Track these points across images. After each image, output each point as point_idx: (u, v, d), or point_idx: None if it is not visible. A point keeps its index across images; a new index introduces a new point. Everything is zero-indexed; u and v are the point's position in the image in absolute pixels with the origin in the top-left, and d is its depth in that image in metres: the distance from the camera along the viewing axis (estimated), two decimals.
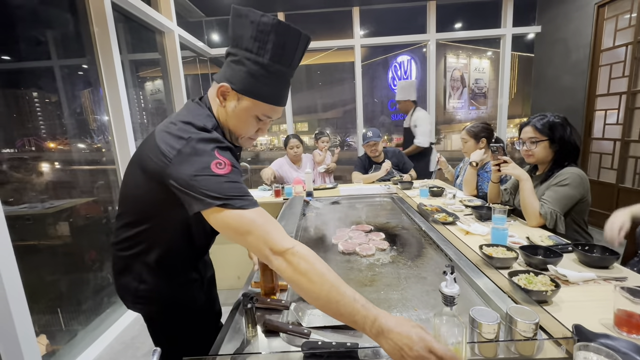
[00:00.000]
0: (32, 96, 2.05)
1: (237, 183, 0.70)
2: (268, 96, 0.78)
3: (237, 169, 0.74)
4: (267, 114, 0.81)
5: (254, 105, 0.79)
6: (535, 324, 0.65)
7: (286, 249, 0.65)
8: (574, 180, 1.37)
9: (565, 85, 3.74)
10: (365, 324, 0.59)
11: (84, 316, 2.09)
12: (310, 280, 0.63)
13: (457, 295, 0.56)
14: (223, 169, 0.69)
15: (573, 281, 0.94)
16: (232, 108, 0.80)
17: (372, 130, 2.74)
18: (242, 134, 0.84)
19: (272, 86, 0.78)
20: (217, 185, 0.67)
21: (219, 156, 0.70)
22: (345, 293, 0.61)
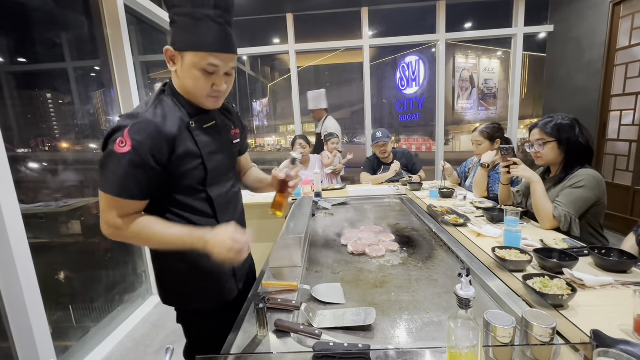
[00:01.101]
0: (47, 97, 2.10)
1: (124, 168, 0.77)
2: (203, 43, 0.78)
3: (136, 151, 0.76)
4: (213, 63, 0.79)
5: (195, 57, 0.78)
6: (553, 329, 0.64)
7: (117, 226, 0.80)
8: (589, 182, 1.34)
9: (579, 85, 3.67)
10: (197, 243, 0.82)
11: (96, 313, 2.13)
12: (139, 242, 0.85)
13: (472, 298, 0.55)
14: (122, 148, 0.76)
15: (590, 285, 0.91)
16: (180, 69, 0.81)
17: (381, 130, 2.72)
18: (198, 92, 0.84)
19: (204, 33, 0.77)
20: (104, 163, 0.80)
21: (126, 135, 0.75)
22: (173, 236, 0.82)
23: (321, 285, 1.00)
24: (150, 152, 0.77)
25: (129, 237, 0.82)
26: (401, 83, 4.66)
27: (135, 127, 0.76)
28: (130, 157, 0.75)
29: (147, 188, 0.81)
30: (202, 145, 0.87)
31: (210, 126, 0.91)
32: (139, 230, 0.81)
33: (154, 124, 0.78)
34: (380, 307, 0.90)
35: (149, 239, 0.83)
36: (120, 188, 0.77)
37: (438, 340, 0.75)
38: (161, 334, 2.16)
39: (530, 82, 4.43)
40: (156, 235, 0.82)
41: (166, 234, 0.82)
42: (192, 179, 0.87)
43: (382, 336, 0.78)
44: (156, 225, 0.83)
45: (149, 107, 0.82)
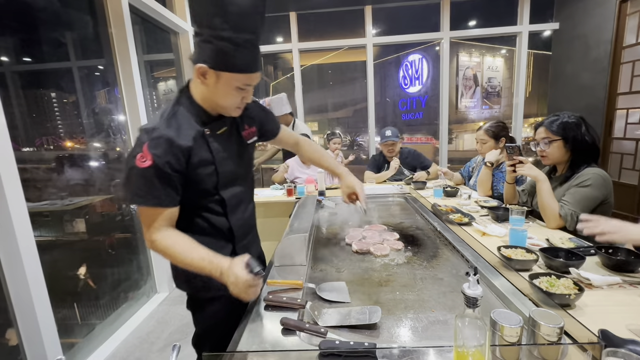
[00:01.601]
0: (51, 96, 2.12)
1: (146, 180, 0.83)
2: (242, 66, 0.83)
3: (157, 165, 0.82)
4: (246, 83, 0.86)
5: (232, 77, 0.83)
6: (560, 328, 0.63)
7: (152, 240, 0.87)
8: (596, 181, 1.33)
9: (584, 83, 3.63)
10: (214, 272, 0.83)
11: (101, 311, 2.15)
12: (168, 257, 0.88)
13: (480, 297, 0.55)
14: (143, 163, 0.81)
15: (597, 285, 0.91)
16: (213, 84, 0.85)
17: (391, 129, 2.67)
18: (229, 106, 0.90)
19: (243, 56, 0.81)
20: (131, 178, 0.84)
21: (145, 150, 0.81)
22: (193, 260, 0.84)
23: (326, 284, 1.00)
24: (168, 164, 0.83)
25: (161, 250, 0.88)
26: (404, 82, 4.64)
27: (153, 142, 0.82)
28: (152, 170, 0.81)
29: (173, 195, 0.87)
30: (216, 152, 0.93)
31: (222, 132, 0.96)
32: (166, 246, 0.87)
33: (170, 138, 0.83)
34: (386, 305, 0.90)
35: (174, 257, 0.88)
36: (148, 199, 0.84)
37: (444, 339, 0.75)
38: (166, 331, 2.18)
39: (535, 80, 4.39)
40: (179, 256, 0.86)
41: (188, 257, 0.86)
42: (205, 184, 0.93)
43: (388, 335, 0.78)
44: (180, 244, 0.87)
45: (163, 120, 0.86)
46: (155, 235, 0.87)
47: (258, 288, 0.81)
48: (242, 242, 1.07)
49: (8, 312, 1.51)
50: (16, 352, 1.53)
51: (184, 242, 0.88)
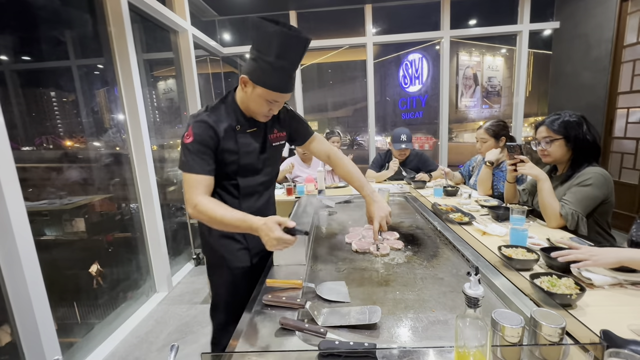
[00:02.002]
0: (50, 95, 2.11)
1: (190, 152, 1.05)
2: (275, 85, 1.02)
3: (197, 141, 1.04)
4: (275, 99, 1.06)
5: (264, 92, 1.03)
6: (562, 329, 0.63)
7: (195, 203, 1.04)
8: (597, 180, 1.32)
9: (585, 82, 3.63)
10: (248, 232, 1.01)
11: (100, 310, 2.14)
12: (207, 219, 1.04)
13: (481, 297, 0.54)
14: (187, 139, 1.05)
15: (598, 285, 0.90)
16: (249, 93, 1.06)
17: (405, 133, 2.60)
18: (257, 112, 1.11)
19: (277, 78, 1.02)
20: (181, 151, 1.07)
21: (189, 129, 1.06)
22: (229, 221, 1.01)
23: (325, 283, 0.99)
24: (204, 142, 1.05)
25: (202, 211, 1.03)
26: (404, 81, 4.63)
27: (196, 125, 1.06)
28: (193, 145, 1.04)
29: (207, 166, 1.07)
30: (241, 145, 1.12)
31: (252, 131, 1.15)
32: (208, 209, 1.02)
33: (208, 123, 1.06)
34: (386, 305, 0.89)
35: (214, 218, 1.02)
36: (191, 167, 1.05)
37: (444, 340, 0.74)
38: (165, 331, 2.17)
39: (535, 79, 4.38)
40: (219, 216, 1.02)
41: (226, 216, 1.02)
42: (228, 168, 1.14)
43: (388, 335, 0.78)
44: (220, 208, 1.04)
45: (207, 111, 1.10)
46: (197, 199, 1.04)
47: (288, 244, 0.96)
48: None
49: (6, 312, 1.50)
50: (14, 351, 1.53)
51: (221, 205, 1.05)
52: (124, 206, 2.51)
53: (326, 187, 2.38)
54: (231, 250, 1.21)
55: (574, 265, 0.91)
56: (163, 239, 2.63)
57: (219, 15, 4.12)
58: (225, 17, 4.22)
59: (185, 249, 3.35)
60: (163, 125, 3.30)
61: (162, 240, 2.62)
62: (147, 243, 2.59)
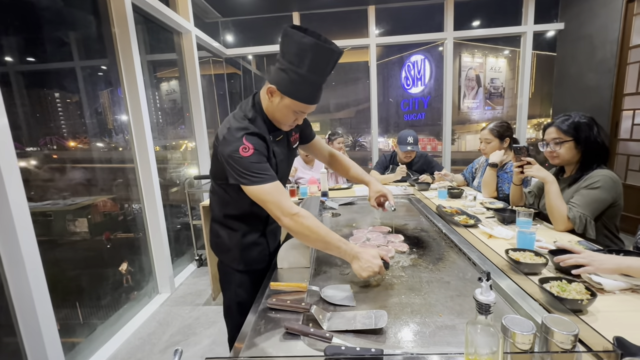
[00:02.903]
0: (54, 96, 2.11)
1: (257, 164, 0.98)
2: (303, 98, 1.01)
3: (258, 151, 1.00)
4: (302, 110, 1.05)
5: (292, 103, 1.01)
6: (575, 335, 0.61)
7: (294, 213, 0.98)
8: (605, 183, 1.30)
9: (590, 84, 3.60)
10: (346, 255, 1.00)
11: (103, 311, 2.14)
12: (309, 233, 0.99)
13: (493, 303, 0.52)
14: (247, 152, 0.98)
15: (609, 290, 0.88)
16: (276, 103, 1.03)
17: (412, 136, 2.59)
18: (283, 122, 1.09)
19: (307, 91, 1.00)
20: (242, 166, 0.98)
21: (245, 142, 0.98)
22: (331, 240, 0.99)
23: (330, 287, 0.98)
24: (262, 152, 1.02)
25: (306, 225, 0.98)
26: (406, 82, 4.61)
27: (250, 137, 1.00)
28: (256, 155, 0.99)
29: (274, 174, 1.04)
30: (276, 154, 1.12)
31: (280, 139, 1.15)
32: (312, 225, 0.99)
33: (260, 134, 1.03)
34: (391, 309, 0.88)
35: (317, 234, 0.99)
36: (264, 178, 0.99)
37: (452, 345, 0.73)
38: (167, 332, 2.16)
39: (537, 81, 4.36)
40: (323, 234, 1.00)
41: (327, 237, 1.00)
42: None
43: (395, 340, 0.76)
44: (321, 224, 1.02)
45: (250, 120, 1.04)
46: (294, 209, 0.99)
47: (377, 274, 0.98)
48: (269, 227, 1.26)
49: (9, 312, 1.50)
50: (17, 352, 1.52)
51: (318, 221, 1.02)
52: (126, 207, 2.51)
53: (329, 189, 2.37)
54: (254, 255, 1.22)
55: (575, 271, 0.91)
56: (166, 240, 2.63)
57: (222, 17, 4.13)
58: (229, 19, 4.23)
59: (188, 250, 3.34)
60: (166, 127, 3.30)
61: (164, 241, 2.61)
62: (149, 244, 2.59)
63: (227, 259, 1.23)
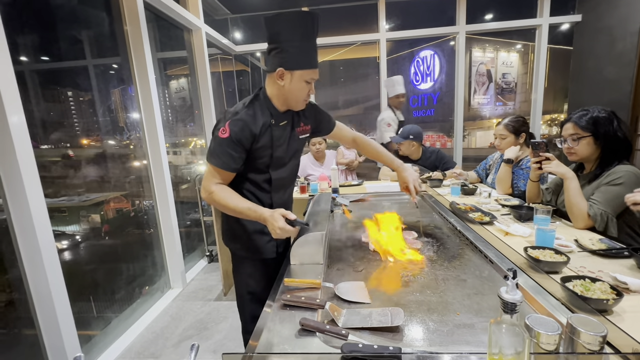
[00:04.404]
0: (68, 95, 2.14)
1: (223, 147, 1.09)
2: (308, 64, 1.11)
3: (234, 139, 1.08)
4: (312, 77, 1.13)
5: (302, 74, 1.10)
6: (603, 337, 0.59)
7: (211, 191, 1.12)
8: (628, 179, 1.26)
9: (609, 77, 3.48)
10: (258, 220, 1.10)
11: (117, 305, 2.18)
12: (221, 207, 1.14)
13: (519, 302, 0.51)
14: (224, 135, 1.08)
15: (635, 289, 0.85)
16: (289, 83, 1.11)
17: (408, 130, 2.58)
18: (300, 98, 1.16)
19: (308, 57, 1.11)
20: (213, 143, 1.12)
21: (227, 126, 1.08)
22: (242, 210, 1.10)
23: (345, 283, 0.97)
24: (239, 140, 1.09)
25: (216, 200, 1.11)
26: (415, 78, 4.55)
27: (234, 121, 1.09)
28: (227, 141, 1.08)
29: (235, 164, 1.12)
30: (275, 139, 1.17)
31: (284, 124, 1.20)
32: (222, 198, 1.11)
33: (246, 122, 1.10)
34: (407, 307, 0.86)
35: (227, 206, 1.11)
36: (218, 160, 1.10)
37: (472, 345, 0.71)
38: (180, 326, 2.19)
39: (551, 76, 4.24)
40: (232, 205, 1.11)
41: (239, 205, 1.10)
42: (261, 163, 1.19)
43: (411, 338, 0.75)
44: (234, 197, 1.12)
45: (245, 107, 1.13)
46: (213, 187, 1.12)
47: (290, 234, 1.06)
48: None
49: (28, 306, 1.53)
50: (36, 344, 1.56)
51: (234, 194, 1.14)
52: (138, 203, 2.54)
53: (340, 186, 2.35)
54: (261, 243, 1.28)
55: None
56: (177, 236, 2.66)
57: (231, 14, 4.12)
58: (238, 15, 4.22)
59: (199, 246, 3.38)
60: (176, 124, 3.33)
61: (176, 237, 2.64)
62: (161, 239, 2.62)
63: (236, 247, 1.31)
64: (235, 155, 1.10)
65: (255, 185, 1.24)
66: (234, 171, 1.14)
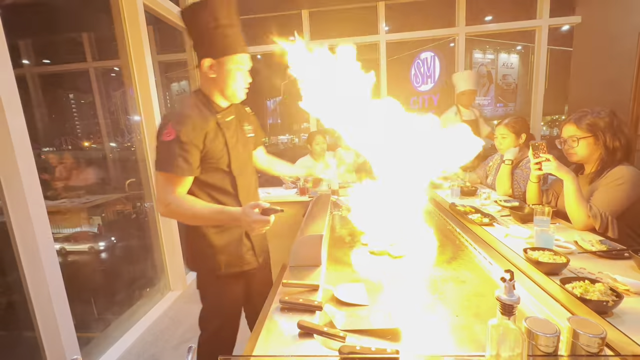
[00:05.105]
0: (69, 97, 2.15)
1: (169, 150, 1.00)
2: (232, 49, 1.05)
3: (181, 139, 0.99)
4: (241, 63, 1.08)
5: (230, 60, 1.05)
6: (602, 338, 0.58)
7: (168, 203, 1.02)
8: (629, 180, 1.25)
9: (609, 77, 3.48)
10: (230, 223, 1.07)
11: (117, 307, 2.18)
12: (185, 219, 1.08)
13: (517, 304, 0.50)
14: (169, 137, 0.99)
15: (635, 291, 0.85)
16: (219, 72, 1.06)
17: None
18: (237, 86, 1.10)
19: (231, 41, 1.05)
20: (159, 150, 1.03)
21: (170, 127, 1.00)
22: (210, 217, 1.04)
23: (343, 285, 0.97)
24: (188, 137, 1.00)
25: (178, 211, 1.03)
26: (416, 80, 4.55)
27: (176, 121, 1.01)
28: (175, 142, 0.99)
29: (189, 166, 1.02)
30: (228, 136, 1.11)
31: (231, 119, 1.15)
32: (184, 207, 1.02)
33: (191, 118, 1.02)
34: (406, 309, 0.86)
35: (192, 215, 1.03)
36: (170, 165, 1.00)
37: (470, 346, 0.71)
38: (180, 329, 2.19)
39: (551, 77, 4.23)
40: (198, 212, 1.03)
41: (205, 211, 1.03)
42: (222, 163, 1.11)
43: (410, 340, 0.74)
44: (197, 204, 1.04)
45: (184, 107, 1.07)
46: (170, 198, 1.02)
47: (268, 224, 0.99)
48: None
49: (28, 308, 1.53)
50: (35, 346, 1.56)
51: (198, 201, 1.06)
52: (139, 205, 2.54)
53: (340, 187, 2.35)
54: (240, 253, 1.19)
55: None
56: (177, 238, 2.65)
57: None
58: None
59: None
60: None
61: (176, 239, 2.64)
62: (161, 241, 2.62)
63: (210, 265, 1.18)
64: (187, 156, 1.00)
65: (219, 191, 1.13)
66: (189, 174, 1.04)
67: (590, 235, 1.26)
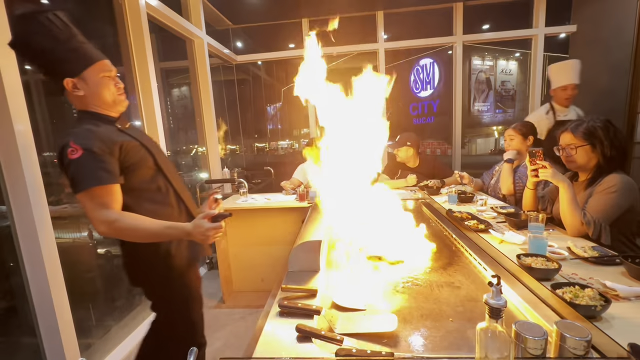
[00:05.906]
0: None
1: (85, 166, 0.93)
2: (88, 59, 1.00)
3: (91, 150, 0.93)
4: (105, 70, 1.03)
5: (91, 72, 1.00)
6: (588, 342, 0.61)
7: (112, 220, 0.94)
8: (622, 188, 1.28)
9: (605, 86, 3.53)
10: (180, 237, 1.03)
11: (117, 313, 2.19)
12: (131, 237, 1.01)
13: (503, 307, 0.53)
14: (75, 155, 0.92)
15: (624, 296, 0.87)
16: (87, 88, 1.01)
17: (403, 136, 2.66)
18: (111, 95, 1.05)
19: (82, 53, 1.00)
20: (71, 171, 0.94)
21: (72, 144, 0.93)
22: (158, 232, 0.99)
23: (341, 290, 0.99)
24: (95, 147, 0.94)
25: (123, 227, 0.96)
26: (415, 86, 4.61)
27: (76, 137, 0.94)
28: (84, 156, 0.92)
29: (110, 174, 0.96)
30: (138, 136, 1.08)
31: (129, 126, 1.11)
32: (130, 223, 0.96)
33: (90, 130, 0.97)
34: (402, 313, 0.88)
35: (140, 230, 0.97)
36: (91, 179, 0.93)
37: (463, 350, 0.73)
38: None
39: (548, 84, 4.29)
40: (147, 227, 0.98)
41: (154, 226, 0.98)
42: (144, 161, 1.07)
43: (405, 343, 0.77)
44: (144, 220, 0.99)
45: (79, 125, 1.00)
46: (111, 215, 0.94)
47: (221, 230, 0.99)
48: None
49: (30, 314, 1.55)
50: (37, 352, 1.58)
51: (142, 217, 0.99)
52: None
53: None
54: (189, 265, 1.20)
55: None
56: None
57: (233, 24, 4.21)
58: (239, 26, 4.31)
59: None
60: (177, 132, 3.38)
61: None
62: None
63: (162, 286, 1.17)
64: (105, 166, 0.95)
65: (156, 193, 1.10)
66: (115, 182, 0.98)
67: (583, 241, 1.29)
